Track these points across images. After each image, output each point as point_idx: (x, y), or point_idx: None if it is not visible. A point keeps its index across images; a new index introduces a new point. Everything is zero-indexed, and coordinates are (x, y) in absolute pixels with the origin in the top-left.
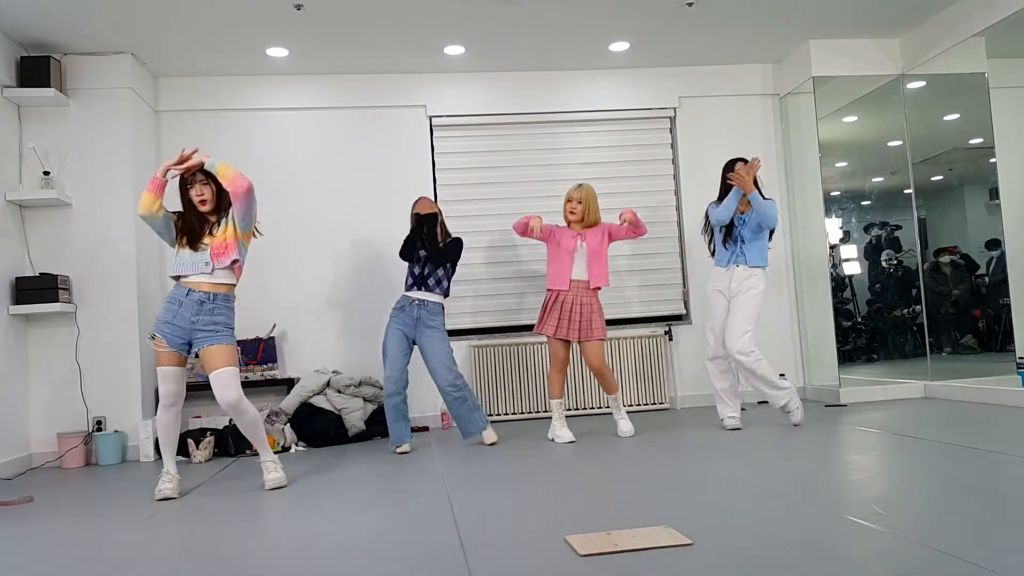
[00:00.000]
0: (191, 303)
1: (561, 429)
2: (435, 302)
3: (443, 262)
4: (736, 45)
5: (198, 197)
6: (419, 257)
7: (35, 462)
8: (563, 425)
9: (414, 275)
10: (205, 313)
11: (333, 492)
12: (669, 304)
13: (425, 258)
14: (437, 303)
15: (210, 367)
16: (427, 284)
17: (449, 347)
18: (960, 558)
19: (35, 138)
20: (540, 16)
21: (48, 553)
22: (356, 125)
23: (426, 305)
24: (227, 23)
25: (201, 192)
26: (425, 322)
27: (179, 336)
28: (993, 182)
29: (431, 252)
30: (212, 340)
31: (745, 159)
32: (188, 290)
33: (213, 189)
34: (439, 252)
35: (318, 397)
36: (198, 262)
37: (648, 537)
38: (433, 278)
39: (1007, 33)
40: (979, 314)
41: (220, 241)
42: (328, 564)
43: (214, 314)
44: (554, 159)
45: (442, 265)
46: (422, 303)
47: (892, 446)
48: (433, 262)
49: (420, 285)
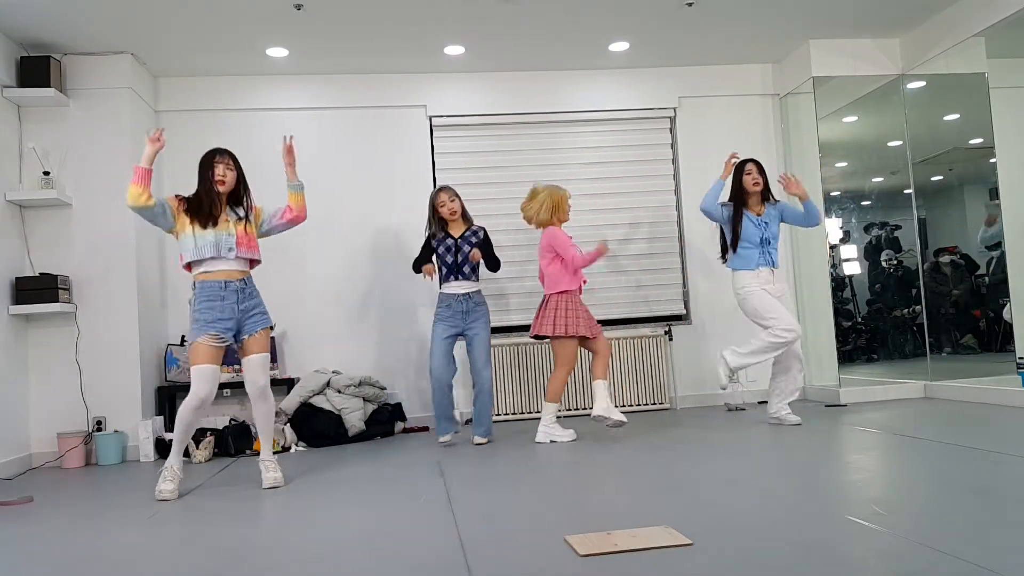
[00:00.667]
0: (232, 293)
1: (561, 430)
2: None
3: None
4: (736, 45)
5: (219, 176)
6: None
7: (35, 462)
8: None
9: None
10: (248, 298)
11: (333, 492)
12: (669, 304)
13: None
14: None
15: (252, 351)
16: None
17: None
18: (960, 558)
19: (35, 138)
20: (540, 16)
21: (48, 553)
22: (356, 125)
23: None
24: (227, 23)
25: (224, 174)
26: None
27: (231, 329)
28: (993, 182)
29: (492, 266)
30: (262, 323)
31: (757, 160)
32: (224, 282)
33: (235, 176)
34: (493, 263)
35: (318, 397)
36: (222, 246)
37: (648, 537)
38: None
39: (1007, 33)
40: (979, 314)
41: (248, 235)
42: (328, 564)
43: (253, 297)
44: (554, 159)
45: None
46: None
47: (892, 446)
48: (491, 270)
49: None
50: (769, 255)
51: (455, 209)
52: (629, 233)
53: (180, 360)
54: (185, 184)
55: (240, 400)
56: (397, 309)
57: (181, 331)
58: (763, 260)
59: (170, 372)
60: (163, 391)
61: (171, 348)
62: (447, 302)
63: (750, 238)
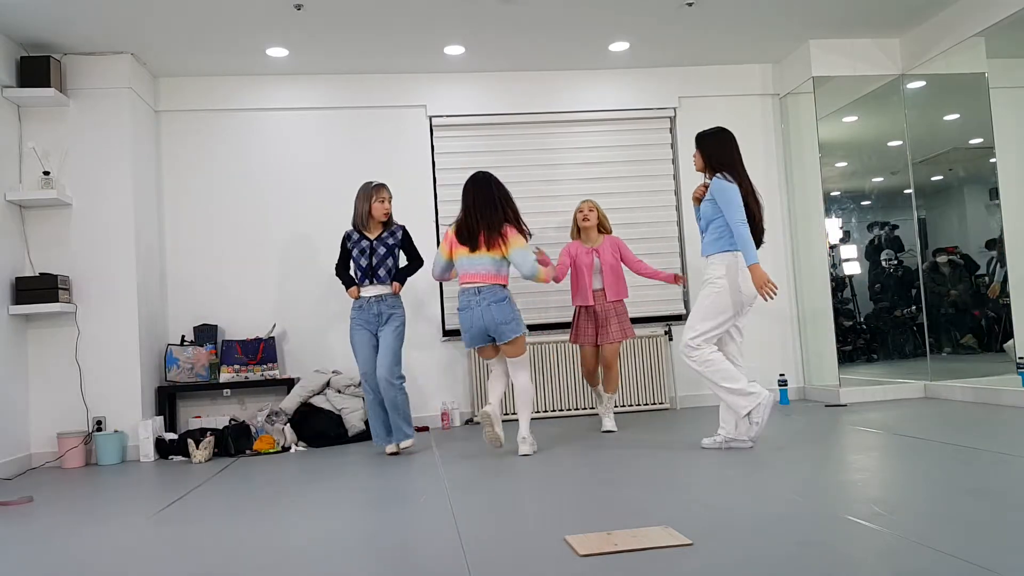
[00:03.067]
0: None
1: (605, 417)
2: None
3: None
4: (736, 45)
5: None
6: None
7: (35, 462)
8: (605, 415)
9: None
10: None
11: (333, 492)
12: (669, 304)
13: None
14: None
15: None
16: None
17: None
18: (960, 558)
19: (35, 138)
20: (540, 16)
21: (48, 553)
22: (356, 125)
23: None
24: (227, 23)
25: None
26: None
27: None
28: (993, 182)
29: (414, 266)
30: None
31: (722, 129)
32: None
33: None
34: (416, 262)
35: (318, 397)
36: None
37: (648, 537)
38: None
39: (1007, 33)
40: (979, 314)
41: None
42: (328, 564)
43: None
44: (554, 159)
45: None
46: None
47: (892, 446)
48: (412, 272)
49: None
50: (705, 244)
51: (389, 211)
52: (629, 233)
53: (180, 360)
54: (183, 184)
55: (240, 400)
56: None
57: (181, 331)
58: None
59: (170, 372)
60: (163, 391)
61: (171, 348)
62: (359, 304)
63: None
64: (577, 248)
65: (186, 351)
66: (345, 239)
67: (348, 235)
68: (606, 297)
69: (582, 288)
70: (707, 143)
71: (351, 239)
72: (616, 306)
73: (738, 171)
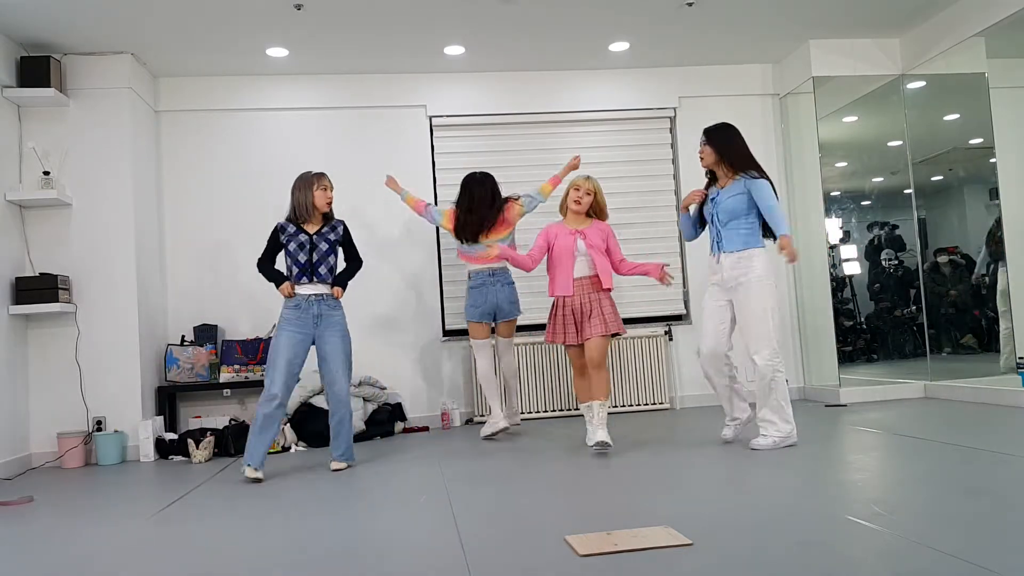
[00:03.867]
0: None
1: (594, 431)
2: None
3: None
4: (736, 45)
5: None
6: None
7: (35, 462)
8: (598, 426)
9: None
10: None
11: (333, 492)
12: (669, 304)
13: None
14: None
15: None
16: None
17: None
18: (960, 558)
19: (35, 138)
20: (540, 16)
21: (48, 553)
22: (356, 125)
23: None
24: (227, 23)
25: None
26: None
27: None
28: (993, 182)
29: (355, 267)
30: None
31: (708, 129)
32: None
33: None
34: (356, 263)
35: (318, 397)
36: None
37: (648, 537)
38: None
39: (1007, 33)
40: (979, 314)
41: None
42: (328, 564)
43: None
44: (554, 159)
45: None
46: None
47: (892, 446)
48: (353, 274)
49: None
50: (719, 237)
51: (332, 200)
52: (629, 233)
53: (180, 360)
54: (183, 184)
55: (240, 400)
56: (397, 308)
57: (181, 331)
58: (716, 245)
59: (170, 372)
60: (163, 391)
61: (171, 348)
62: (296, 303)
63: (707, 218)
64: (557, 230)
65: (186, 351)
66: (278, 231)
67: (282, 227)
68: (591, 287)
69: (562, 276)
70: (719, 137)
71: (285, 231)
72: (601, 297)
73: (757, 164)
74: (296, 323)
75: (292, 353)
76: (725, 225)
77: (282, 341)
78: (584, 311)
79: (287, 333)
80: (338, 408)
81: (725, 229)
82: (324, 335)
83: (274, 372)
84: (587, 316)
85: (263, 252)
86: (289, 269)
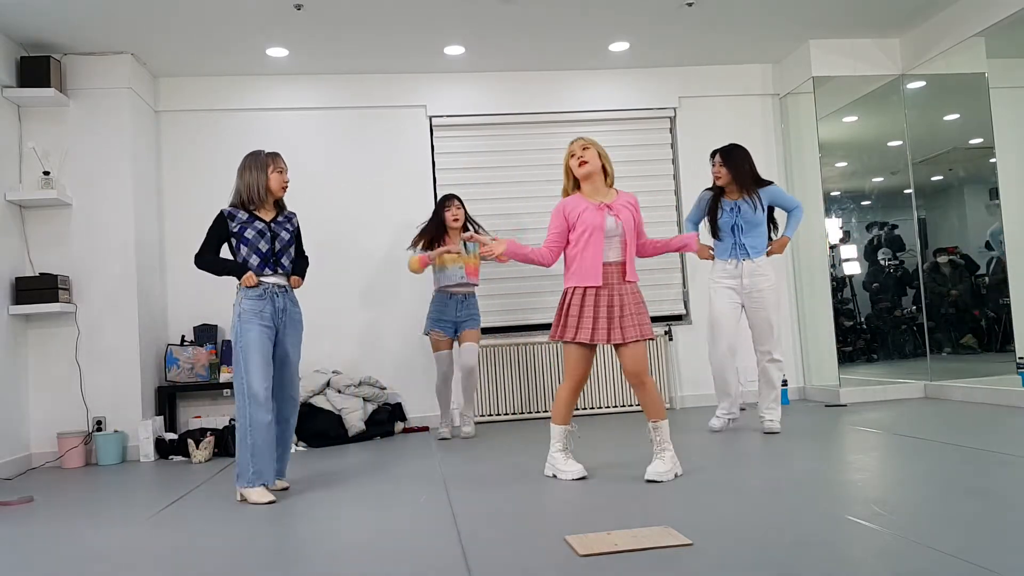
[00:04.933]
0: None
1: (565, 462)
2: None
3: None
4: (736, 45)
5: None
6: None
7: (35, 462)
8: (567, 457)
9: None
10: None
11: (333, 492)
12: (669, 304)
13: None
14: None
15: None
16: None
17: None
18: (960, 558)
19: (35, 138)
20: (540, 16)
21: (48, 553)
22: (356, 125)
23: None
24: (227, 23)
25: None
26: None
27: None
28: (993, 182)
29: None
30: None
31: (725, 149)
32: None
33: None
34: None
35: (318, 397)
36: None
37: (648, 537)
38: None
39: (1007, 33)
40: (979, 314)
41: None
42: (328, 564)
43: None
44: (555, 159)
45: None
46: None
47: (892, 446)
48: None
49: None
50: (742, 245)
51: (287, 183)
52: None
53: (180, 360)
54: (183, 184)
55: None
56: (397, 308)
57: (181, 331)
58: (734, 251)
59: (170, 372)
60: (163, 391)
61: (171, 348)
62: (259, 294)
63: (724, 227)
64: (579, 204)
65: (186, 351)
66: (225, 218)
67: (229, 214)
68: (619, 276)
69: (589, 261)
70: (736, 159)
71: (235, 218)
72: (633, 290)
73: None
74: (263, 316)
75: (267, 349)
76: (747, 234)
77: (254, 335)
78: (615, 307)
79: (257, 327)
80: (292, 412)
81: (746, 237)
82: (287, 334)
83: (254, 370)
84: (619, 314)
85: (203, 244)
86: (244, 260)
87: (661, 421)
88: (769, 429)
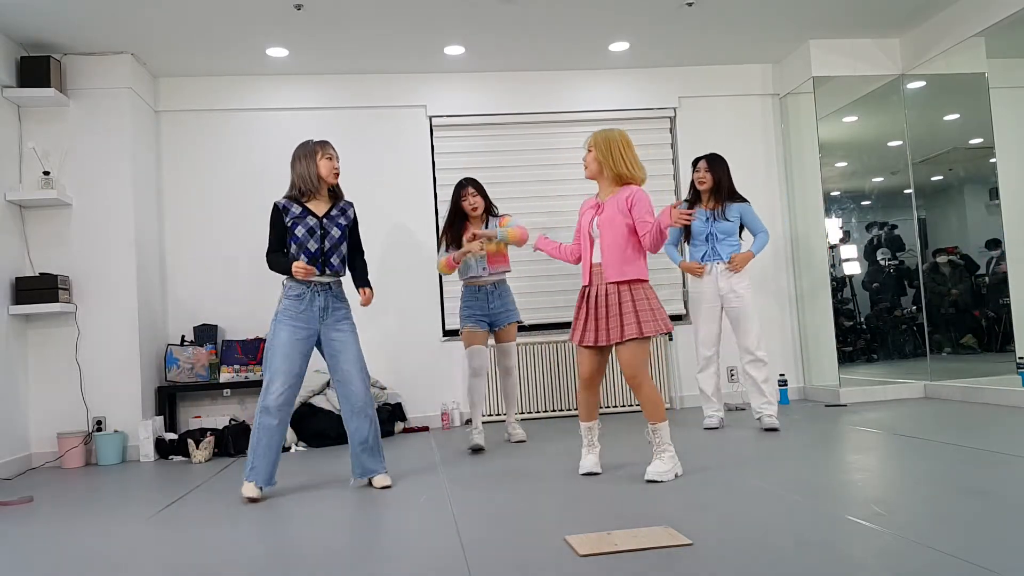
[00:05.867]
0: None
1: (583, 456)
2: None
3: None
4: (736, 45)
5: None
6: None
7: (35, 462)
8: (587, 451)
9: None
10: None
11: (333, 492)
12: (669, 304)
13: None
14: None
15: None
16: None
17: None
18: (960, 558)
19: (35, 138)
20: (540, 16)
21: (48, 553)
22: (356, 125)
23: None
24: (227, 23)
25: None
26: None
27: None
28: (993, 182)
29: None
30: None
31: (708, 156)
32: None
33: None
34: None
35: (318, 397)
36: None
37: (648, 537)
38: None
39: (1007, 33)
40: (979, 314)
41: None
42: (328, 564)
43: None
44: (554, 159)
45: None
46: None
47: (892, 446)
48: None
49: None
50: (716, 251)
51: (338, 169)
52: None
53: (180, 360)
54: (183, 184)
55: (240, 400)
56: (397, 308)
57: (181, 331)
58: (707, 256)
59: (170, 372)
60: (163, 391)
61: (171, 348)
62: (299, 292)
63: (697, 234)
64: (587, 204)
65: (186, 351)
66: (280, 212)
67: (284, 207)
68: (604, 276)
69: (584, 262)
70: (720, 169)
71: (289, 212)
72: (622, 289)
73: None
74: (299, 316)
75: (295, 351)
76: (721, 241)
77: (282, 337)
78: (600, 308)
79: (288, 328)
80: (354, 418)
81: (720, 244)
82: (332, 331)
83: (272, 373)
84: (604, 315)
85: (271, 242)
86: (294, 257)
87: (660, 423)
88: (768, 425)
